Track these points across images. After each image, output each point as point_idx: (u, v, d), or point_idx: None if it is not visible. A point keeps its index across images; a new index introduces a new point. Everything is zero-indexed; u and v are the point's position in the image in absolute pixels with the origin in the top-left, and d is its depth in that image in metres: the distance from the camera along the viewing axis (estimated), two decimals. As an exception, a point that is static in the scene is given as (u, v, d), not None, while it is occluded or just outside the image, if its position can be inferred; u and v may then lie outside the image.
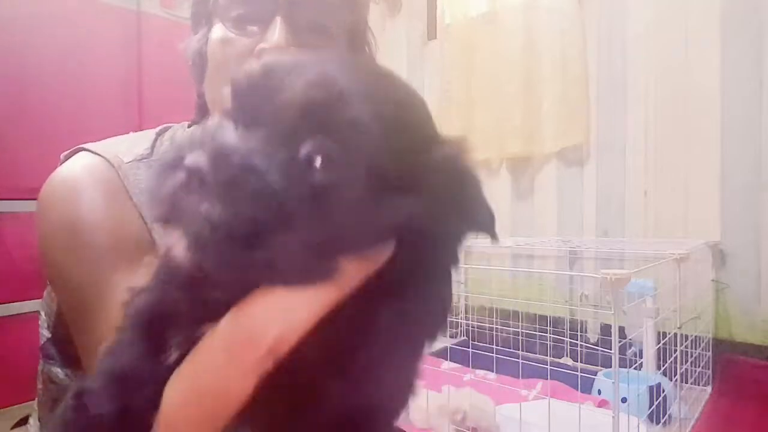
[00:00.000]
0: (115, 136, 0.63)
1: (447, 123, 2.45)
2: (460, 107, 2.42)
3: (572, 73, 2.09)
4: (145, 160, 0.59)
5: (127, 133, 0.65)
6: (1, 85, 1.54)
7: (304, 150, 0.27)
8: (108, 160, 0.57)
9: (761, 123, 1.70)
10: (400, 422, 0.69)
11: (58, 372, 0.63)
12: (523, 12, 2.20)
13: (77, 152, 0.59)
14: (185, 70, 0.63)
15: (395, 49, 2.69)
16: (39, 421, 0.70)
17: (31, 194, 1.72)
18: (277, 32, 0.53)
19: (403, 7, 2.72)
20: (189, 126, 0.67)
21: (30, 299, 1.54)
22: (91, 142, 0.61)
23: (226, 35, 0.56)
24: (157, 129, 0.65)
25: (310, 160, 0.27)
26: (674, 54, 1.88)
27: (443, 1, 2.50)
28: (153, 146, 0.61)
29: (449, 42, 2.48)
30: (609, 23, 2.03)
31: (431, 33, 2.65)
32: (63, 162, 0.59)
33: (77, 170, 0.56)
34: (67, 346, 0.61)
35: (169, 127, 0.67)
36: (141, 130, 0.65)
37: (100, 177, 0.56)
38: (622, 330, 1.49)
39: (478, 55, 2.36)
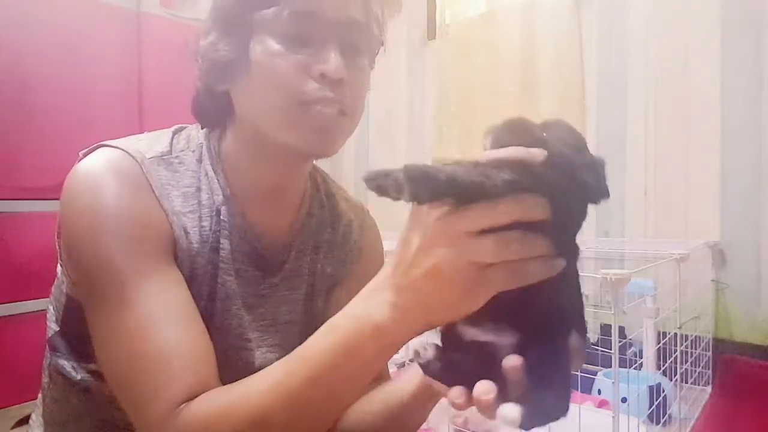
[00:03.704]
0: (115, 135, 0.64)
1: (446, 123, 2.46)
2: (458, 107, 2.42)
3: (570, 73, 2.09)
4: (165, 158, 0.61)
5: (127, 132, 0.66)
6: (0, 85, 1.54)
7: None
8: (131, 155, 0.59)
9: (761, 123, 1.70)
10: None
11: (65, 364, 0.64)
12: (522, 12, 2.20)
13: (97, 149, 0.60)
14: (185, 70, 0.64)
15: (395, 49, 2.69)
16: (42, 417, 0.70)
17: (31, 194, 1.71)
18: (333, 57, 0.57)
19: (403, 7, 2.72)
20: (202, 127, 0.68)
21: (30, 299, 1.54)
22: (92, 142, 0.62)
23: (278, 51, 0.57)
24: (173, 128, 0.67)
25: None
26: (674, 54, 1.88)
27: (443, 1, 2.50)
28: (171, 145, 0.63)
29: (448, 42, 2.48)
30: (609, 23, 2.03)
31: (431, 33, 2.65)
32: (82, 158, 0.60)
33: (101, 163, 0.58)
34: (75, 338, 0.63)
35: (185, 128, 0.68)
36: (141, 130, 0.66)
37: (124, 170, 0.58)
38: (622, 330, 1.49)
39: (476, 55, 2.36)
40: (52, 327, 0.67)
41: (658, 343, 1.37)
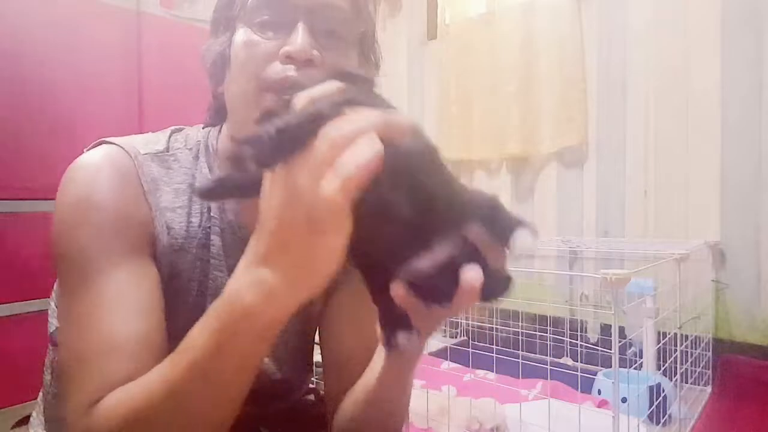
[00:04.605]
0: (115, 135, 0.65)
1: (446, 123, 2.46)
2: (459, 107, 2.42)
3: (570, 73, 2.09)
4: (159, 155, 0.63)
5: (127, 132, 0.68)
6: (0, 85, 1.54)
7: None
8: (125, 150, 0.61)
9: (761, 123, 1.70)
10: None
11: None
12: (522, 13, 2.21)
13: (99, 145, 0.63)
14: (185, 70, 0.65)
15: (395, 49, 2.69)
16: (42, 415, 0.71)
17: (32, 194, 1.71)
18: (299, 37, 0.57)
19: (403, 7, 2.72)
20: (204, 127, 0.69)
21: (30, 299, 1.54)
22: (91, 142, 0.64)
23: (250, 38, 0.59)
24: (171, 128, 0.69)
25: None
26: (674, 54, 1.88)
27: (443, 1, 2.50)
28: (168, 143, 0.65)
29: (448, 42, 2.48)
30: (609, 23, 2.04)
31: (431, 33, 2.65)
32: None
33: (97, 155, 0.60)
34: None
35: (182, 129, 0.70)
36: (140, 130, 0.67)
37: (115, 163, 0.60)
38: (622, 330, 1.49)
39: (477, 55, 2.37)
40: (53, 322, 0.68)
41: (658, 343, 1.37)
